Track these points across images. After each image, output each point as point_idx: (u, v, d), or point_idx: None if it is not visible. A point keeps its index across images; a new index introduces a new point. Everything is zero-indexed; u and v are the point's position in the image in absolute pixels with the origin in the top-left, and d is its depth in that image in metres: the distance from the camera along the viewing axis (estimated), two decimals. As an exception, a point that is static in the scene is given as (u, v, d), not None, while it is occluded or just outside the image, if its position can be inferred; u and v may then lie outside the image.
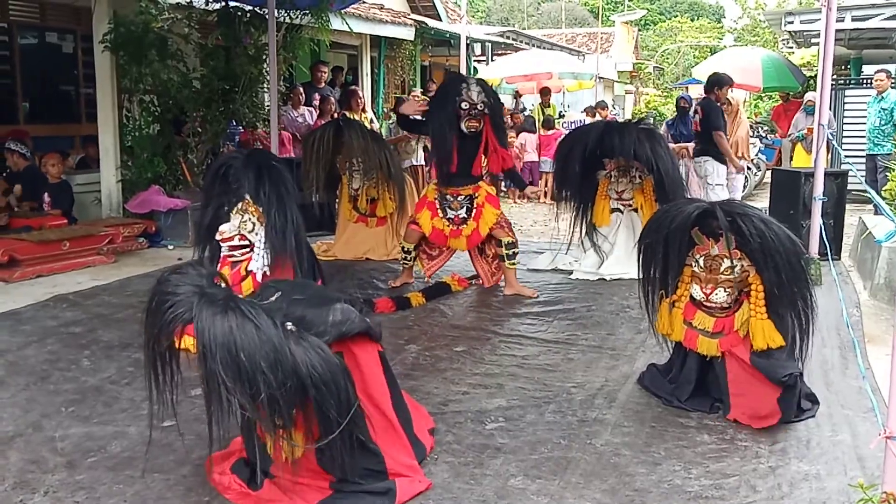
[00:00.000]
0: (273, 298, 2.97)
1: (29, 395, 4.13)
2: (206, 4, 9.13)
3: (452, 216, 6.14)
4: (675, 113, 11.55)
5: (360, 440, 2.92)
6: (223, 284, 2.87)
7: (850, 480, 3.14)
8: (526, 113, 14.78)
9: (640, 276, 4.09)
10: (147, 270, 7.00)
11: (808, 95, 11.37)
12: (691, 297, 3.93)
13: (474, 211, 6.12)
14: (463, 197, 6.13)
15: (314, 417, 2.75)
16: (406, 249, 6.42)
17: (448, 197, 6.15)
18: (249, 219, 4.60)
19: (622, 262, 6.83)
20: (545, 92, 13.79)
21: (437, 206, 6.19)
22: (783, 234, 3.69)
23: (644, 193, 6.90)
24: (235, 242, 4.61)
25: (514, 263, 6.21)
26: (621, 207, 7.04)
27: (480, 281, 6.53)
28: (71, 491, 3.12)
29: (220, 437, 2.73)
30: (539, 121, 13.22)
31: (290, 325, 2.75)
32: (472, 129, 5.96)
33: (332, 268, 7.11)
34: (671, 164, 6.71)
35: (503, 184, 11.57)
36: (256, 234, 4.62)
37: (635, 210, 6.97)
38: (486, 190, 6.22)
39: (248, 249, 4.64)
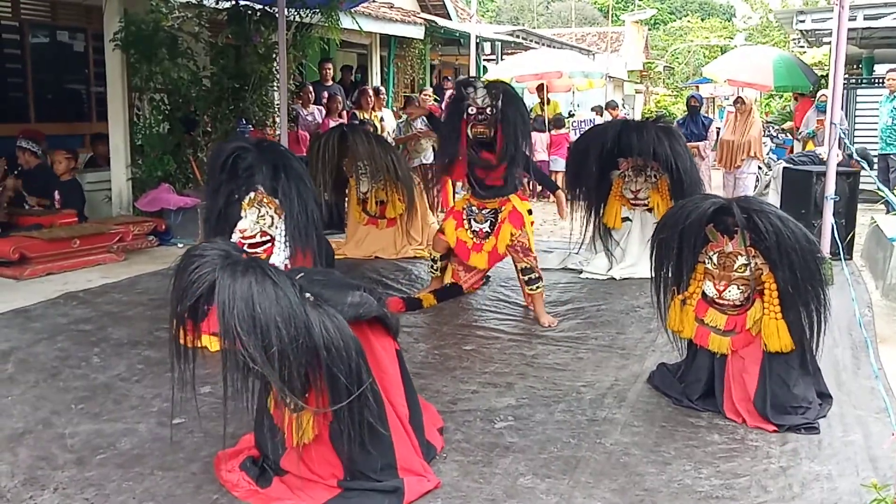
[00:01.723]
0: (297, 277, 3.02)
1: (39, 391, 4.15)
2: (217, 3, 9.15)
3: (477, 229, 5.73)
4: (686, 112, 11.50)
5: (371, 424, 2.92)
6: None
7: (862, 481, 3.12)
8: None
9: (653, 272, 4.07)
10: (157, 268, 7.01)
11: (823, 92, 11.27)
12: (703, 294, 3.91)
13: (496, 226, 5.67)
14: (488, 210, 5.71)
15: (325, 387, 2.78)
16: (433, 258, 6.08)
17: (474, 209, 5.76)
18: (267, 212, 4.58)
19: (632, 262, 6.81)
20: (540, 89, 13.75)
21: (464, 217, 5.80)
22: (800, 231, 3.67)
23: (660, 192, 6.85)
24: (257, 240, 4.60)
25: (535, 289, 5.61)
26: (630, 217, 7.00)
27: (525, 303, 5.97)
28: (80, 488, 3.12)
29: (235, 396, 2.76)
30: (546, 118, 13.17)
31: (309, 296, 2.83)
32: (481, 136, 5.45)
33: (343, 266, 7.11)
34: (690, 163, 6.67)
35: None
36: (276, 227, 4.61)
37: (650, 210, 6.92)
38: (514, 205, 5.67)
39: (269, 244, 4.63)
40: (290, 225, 4.48)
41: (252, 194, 4.57)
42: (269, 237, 4.59)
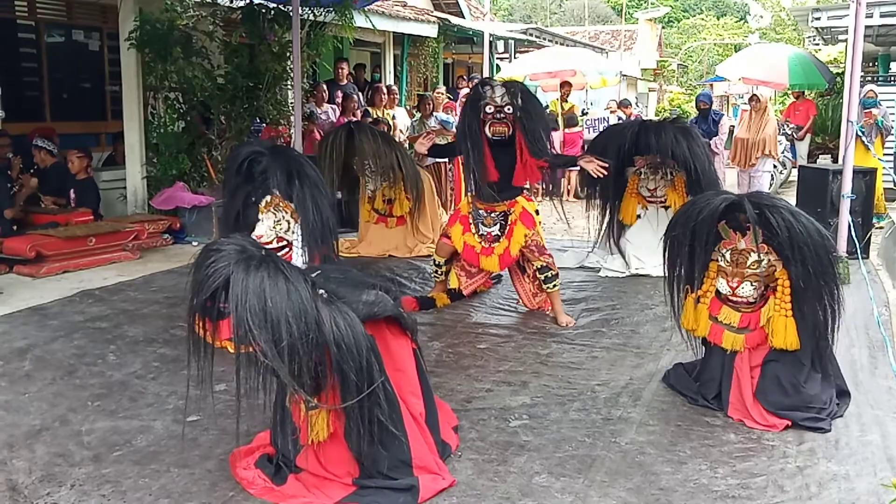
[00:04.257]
0: (313, 275, 3.05)
1: (56, 389, 4.17)
2: (231, 2, 9.17)
3: (485, 233, 5.59)
4: (697, 113, 11.42)
5: (381, 421, 2.93)
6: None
7: (880, 481, 3.11)
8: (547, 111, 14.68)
9: (666, 271, 4.05)
10: (171, 267, 7.05)
11: (870, 87, 11.07)
12: (717, 291, 3.90)
13: (508, 228, 5.55)
14: (497, 213, 5.56)
15: (335, 384, 2.81)
16: (437, 263, 5.94)
17: (482, 212, 5.61)
18: (283, 217, 4.61)
19: (645, 258, 6.79)
20: (564, 85, 13.68)
21: (471, 222, 5.67)
22: (812, 226, 3.64)
23: (676, 190, 6.84)
24: (274, 245, 4.62)
25: (552, 287, 5.54)
26: (642, 215, 6.98)
27: (519, 301, 5.95)
28: (97, 484, 3.14)
29: (250, 394, 2.79)
30: (560, 116, 13.11)
31: (322, 293, 2.86)
32: (499, 136, 5.34)
33: (356, 265, 7.11)
34: (708, 164, 6.66)
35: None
36: (293, 232, 4.64)
37: (665, 207, 6.91)
38: (523, 206, 5.57)
39: (286, 249, 4.65)
40: (306, 232, 4.51)
41: (269, 197, 4.60)
42: (285, 242, 4.63)
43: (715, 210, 3.77)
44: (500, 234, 5.58)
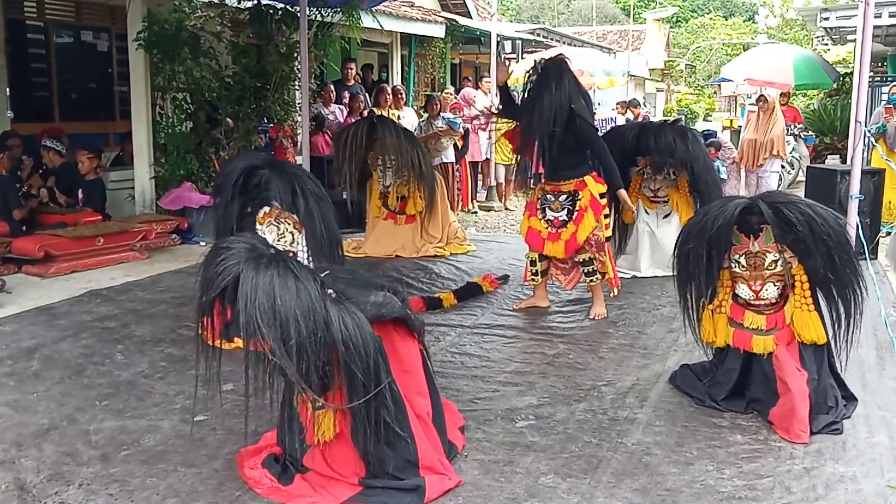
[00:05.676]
0: (322, 275, 3.06)
1: (63, 388, 4.19)
2: (239, 2, 9.19)
3: (552, 218, 5.48)
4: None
5: (388, 422, 2.94)
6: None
7: (887, 482, 3.10)
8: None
9: (679, 282, 4.00)
10: (179, 267, 7.07)
11: (894, 84, 10.92)
12: (736, 297, 3.87)
13: (576, 214, 5.42)
14: (564, 196, 5.45)
15: (342, 384, 2.81)
16: (531, 260, 5.73)
17: (549, 196, 5.51)
18: (287, 229, 4.63)
19: (654, 259, 6.79)
20: None
21: (538, 207, 5.59)
22: (829, 215, 3.64)
23: (679, 190, 6.83)
24: None
25: (594, 281, 5.57)
26: (648, 222, 6.98)
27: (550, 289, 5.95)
28: (105, 484, 3.15)
29: (258, 393, 2.79)
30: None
31: (330, 292, 2.87)
32: None
33: (363, 265, 7.13)
34: (707, 164, 6.66)
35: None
36: (297, 243, 4.65)
37: (666, 215, 6.88)
38: (592, 190, 5.44)
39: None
40: (314, 245, 4.53)
41: (267, 209, 4.60)
42: (291, 253, 4.65)
43: (731, 217, 3.72)
44: (567, 219, 5.45)
